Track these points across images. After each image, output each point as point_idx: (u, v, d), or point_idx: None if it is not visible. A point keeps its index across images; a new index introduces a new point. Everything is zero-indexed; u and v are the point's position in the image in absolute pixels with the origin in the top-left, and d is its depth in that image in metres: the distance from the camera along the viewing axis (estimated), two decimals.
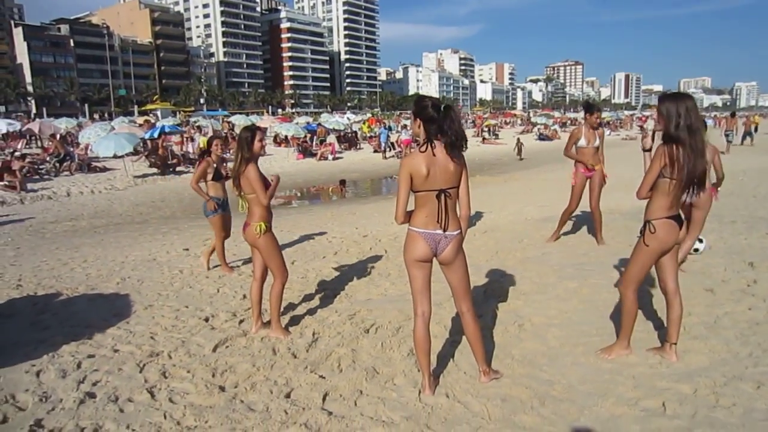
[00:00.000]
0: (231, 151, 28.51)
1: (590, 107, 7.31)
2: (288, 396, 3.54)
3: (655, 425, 3.02)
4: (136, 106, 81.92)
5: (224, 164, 6.96)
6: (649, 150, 3.79)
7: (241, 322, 5.04)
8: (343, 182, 18.23)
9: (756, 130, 28.69)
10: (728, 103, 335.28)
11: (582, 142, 7.19)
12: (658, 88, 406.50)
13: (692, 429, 2.97)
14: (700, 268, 6.02)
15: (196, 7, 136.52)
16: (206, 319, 5.12)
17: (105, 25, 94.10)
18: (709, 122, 29.69)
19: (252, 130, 4.59)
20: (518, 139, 31.26)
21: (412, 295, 3.43)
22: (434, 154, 3.17)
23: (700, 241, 6.32)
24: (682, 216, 3.71)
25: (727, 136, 23.54)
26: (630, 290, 3.80)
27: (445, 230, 3.24)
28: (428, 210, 3.23)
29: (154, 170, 21.33)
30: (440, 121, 3.15)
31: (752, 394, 3.32)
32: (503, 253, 7.23)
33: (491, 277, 6.07)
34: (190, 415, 3.32)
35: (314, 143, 30.24)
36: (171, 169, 21.63)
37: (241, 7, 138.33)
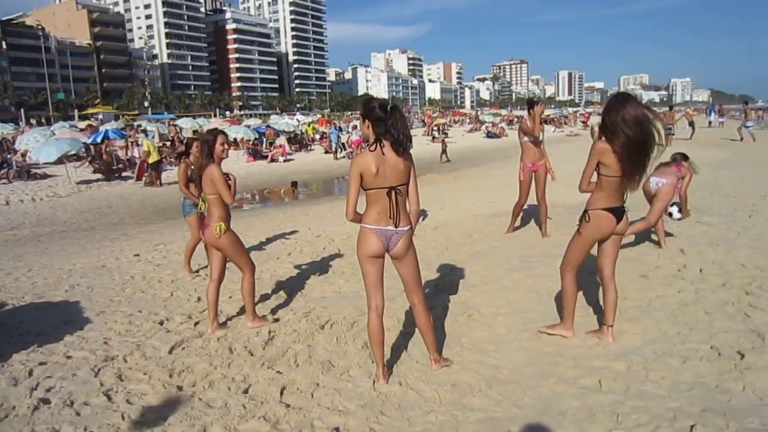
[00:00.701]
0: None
1: (532, 103, 7.70)
2: (246, 392, 3.62)
3: (592, 400, 3.27)
4: (76, 111, 78.83)
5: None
6: None
7: (196, 324, 5.06)
8: (294, 184, 18.20)
9: (692, 124, 30.11)
10: (665, 99, 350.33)
11: (525, 136, 7.55)
12: (600, 85, 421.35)
13: (625, 402, 3.23)
14: (636, 256, 6.41)
15: (137, 7, 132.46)
16: (161, 323, 5.12)
17: (40, 27, 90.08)
18: None
19: (214, 133, 4.73)
20: (443, 140, 29.62)
21: (366, 289, 3.58)
22: (383, 153, 3.34)
23: (678, 209, 7.12)
24: (625, 207, 3.94)
25: (668, 129, 24.75)
26: (567, 273, 4.07)
27: (396, 226, 3.40)
28: (380, 207, 3.38)
29: (99, 176, 20.69)
30: (387, 121, 3.31)
31: (679, 368, 3.62)
32: (453, 247, 7.47)
33: (442, 271, 6.28)
34: (148, 415, 3.37)
35: (264, 145, 29.99)
36: (116, 175, 21.04)
37: (185, 7, 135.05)
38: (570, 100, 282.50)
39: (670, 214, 7.42)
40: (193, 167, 6.80)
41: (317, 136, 35.66)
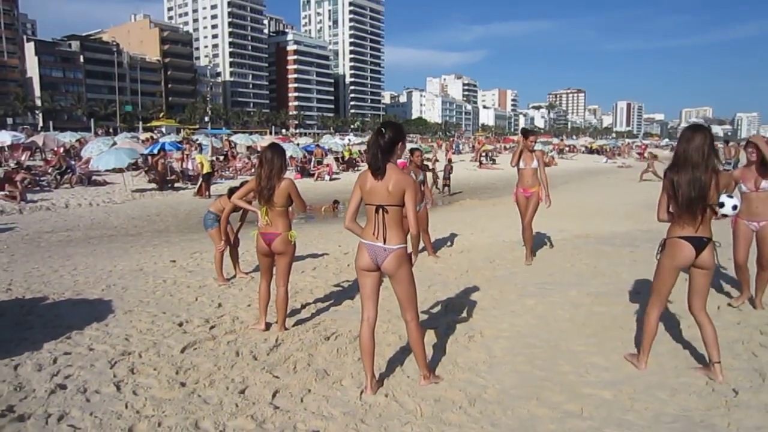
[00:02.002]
0: (230, 169, 28.81)
1: (526, 132, 7.87)
2: (242, 392, 3.84)
3: (570, 425, 3.32)
4: (140, 122, 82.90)
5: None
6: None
7: (212, 327, 5.34)
8: (336, 202, 18.60)
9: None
10: (729, 133, 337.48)
11: (521, 164, 7.63)
12: (660, 117, 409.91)
13: (602, 429, 3.26)
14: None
15: (205, 27, 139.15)
16: (180, 324, 5.42)
17: (115, 43, 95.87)
18: None
19: (282, 150, 5.12)
20: (445, 166, 25.09)
21: (361, 301, 3.78)
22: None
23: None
24: (709, 239, 3.77)
25: (728, 163, 24.08)
26: (652, 308, 4.01)
27: (384, 243, 3.58)
28: (371, 223, 3.62)
29: (153, 185, 21.76)
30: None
31: (666, 400, 3.61)
32: (473, 271, 7.54)
33: (456, 293, 6.38)
34: (149, 406, 3.63)
35: (312, 164, 30.71)
36: (169, 185, 22.06)
37: (249, 29, 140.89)
38: (628, 131, 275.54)
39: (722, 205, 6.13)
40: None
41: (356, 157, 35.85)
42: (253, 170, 20.86)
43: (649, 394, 3.69)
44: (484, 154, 42.96)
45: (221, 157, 30.44)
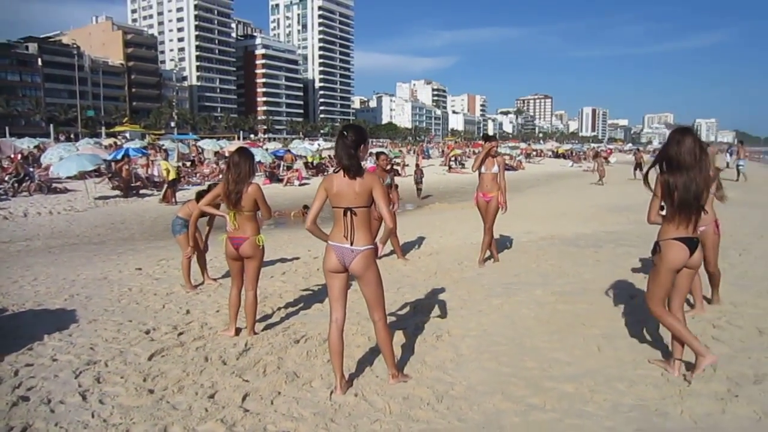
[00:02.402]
0: (198, 175, 28.37)
1: (487, 137, 8.03)
2: (212, 397, 3.83)
3: (533, 417, 3.42)
4: (103, 128, 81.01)
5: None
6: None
7: (180, 334, 5.30)
8: (306, 207, 18.54)
9: None
10: None
11: (482, 168, 7.79)
12: (624, 122, 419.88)
13: (563, 420, 3.38)
14: (618, 285, 6.51)
15: (171, 30, 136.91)
16: (147, 332, 5.36)
17: (75, 45, 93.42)
18: None
19: (251, 155, 5.13)
20: (416, 170, 25.68)
21: (329, 302, 3.82)
22: (344, 176, 3.61)
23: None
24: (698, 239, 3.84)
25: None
26: (656, 307, 3.96)
27: (352, 244, 3.63)
28: (339, 225, 3.68)
29: (117, 192, 21.33)
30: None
31: (624, 391, 3.76)
32: (441, 273, 7.65)
33: (424, 294, 6.47)
34: (116, 414, 3.59)
35: (282, 169, 30.55)
36: (134, 192, 21.67)
37: (217, 32, 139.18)
38: (593, 136, 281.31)
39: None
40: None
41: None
42: (221, 176, 20.66)
43: (608, 386, 3.83)
44: (453, 158, 43.38)
45: (188, 163, 30.02)
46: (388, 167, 8.77)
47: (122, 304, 6.54)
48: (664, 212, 3.90)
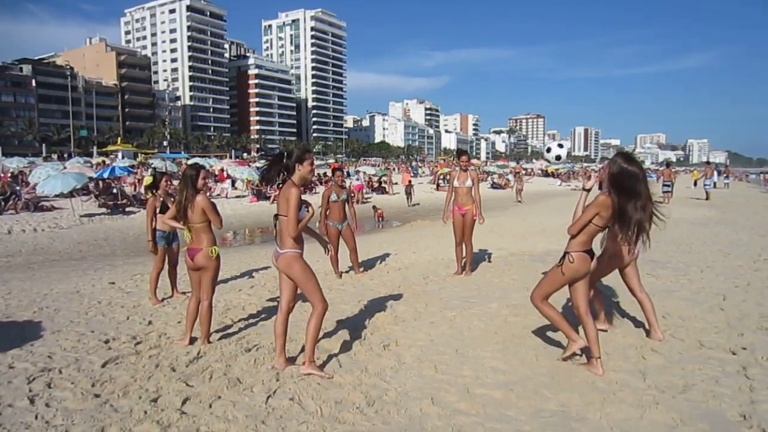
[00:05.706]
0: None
1: (460, 152, 8.35)
2: (154, 401, 3.99)
3: (455, 421, 3.59)
4: (96, 147, 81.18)
5: (171, 199, 7.45)
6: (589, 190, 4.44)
7: (138, 343, 5.45)
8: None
9: (696, 183, 30.86)
10: (681, 159, 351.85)
11: (456, 182, 8.06)
12: (616, 142, 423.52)
13: (484, 423, 3.55)
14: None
15: (164, 51, 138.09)
16: (106, 341, 5.51)
17: (69, 67, 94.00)
18: (652, 176, 31.74)
19: (196, 168, 5.37)
20: (406, 187, 28.78)
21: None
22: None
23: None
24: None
25: (666, 185, 25.41)
26: (539, 302, 4.43)
27: (278, 247, 4.28)
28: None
29: (103, 210, 21.47)
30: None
31: (550, 398, 3.94)
32: (405, 287, 7.82)
33: (383, 306, 6.64)
34: (59, 416, 3.75)
35: (269, 187, 30.75)
36: (120, 210, 21.81)
37: (210, 53, 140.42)
38: (585, 155, 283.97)
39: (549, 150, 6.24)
40: (161, 200, 7.36)
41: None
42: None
43: (536, 393, 4.01)
44: (441, 177, 43.73)
45: (176, 181, 30.17)
46: (345, 183, 9.17)
47: (89, 316, 6.68)
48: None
